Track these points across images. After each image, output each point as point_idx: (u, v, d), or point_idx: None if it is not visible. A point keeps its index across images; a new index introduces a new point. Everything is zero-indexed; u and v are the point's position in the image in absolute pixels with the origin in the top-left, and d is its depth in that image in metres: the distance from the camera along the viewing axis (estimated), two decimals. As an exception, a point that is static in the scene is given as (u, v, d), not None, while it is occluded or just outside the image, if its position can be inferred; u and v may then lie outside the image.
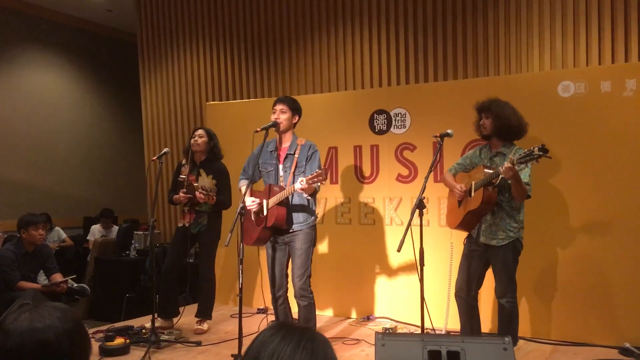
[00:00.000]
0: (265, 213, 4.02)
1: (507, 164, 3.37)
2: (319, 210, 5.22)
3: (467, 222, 3.76)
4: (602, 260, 4.24)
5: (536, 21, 5.26)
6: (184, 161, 4.99)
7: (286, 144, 4.12)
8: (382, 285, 5.13)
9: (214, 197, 4.67)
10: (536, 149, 3.24)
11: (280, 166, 4.11)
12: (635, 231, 4.14)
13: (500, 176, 3.48)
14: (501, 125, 3.70)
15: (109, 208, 8.18)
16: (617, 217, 4.20)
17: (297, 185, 3.73)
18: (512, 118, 3.70)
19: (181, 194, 4.73)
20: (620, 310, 4.17)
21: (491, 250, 3.75)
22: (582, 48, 5.05)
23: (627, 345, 3.99)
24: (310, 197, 3.97)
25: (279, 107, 4.08)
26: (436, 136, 3.79)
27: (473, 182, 3.69)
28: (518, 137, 3.79)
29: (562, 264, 4.38)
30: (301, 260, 4.01)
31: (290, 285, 4.15)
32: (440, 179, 4.28)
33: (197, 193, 4.61)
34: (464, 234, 3.91)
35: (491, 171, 3.56)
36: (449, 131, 3.77)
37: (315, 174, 3.66)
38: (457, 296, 3.94)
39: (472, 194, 3.68)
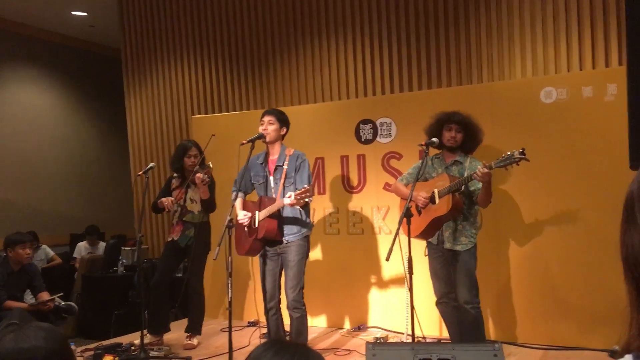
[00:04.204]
0: (256, 225, 4.02)
1: (483, 169, 3.43)
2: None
3: (430, 229, 3.82)
4: (589, 263, 4.27)
5: (517, 29, 5.32)
6: (175, 174, 4.96)
7: (275, 155, 4.14)
8: (373, 294, 5.13)
9: (208, 192, 4.58)
10: (516, 152, 3.39)
11: (271, 178, 4.12)
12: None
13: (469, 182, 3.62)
14: (471, 143, 3.86)
15: (94, 225, 8.07)
16: (603, 221, 4.23)
17: (286, 201, 3.76)
18: (481, 135, 3.88)
19: (169, 200, 4.71)
20: (609, 312, 4.19)
21: (455, 255, 3.81)
22: (562, 54, 5.11)
23: (617, 347, 4.00)
24: (301, 209, 3.98)
25: (266, 118, 4.11)
26: (422, 145, 3.83)
27: (436, 190, 3.73)
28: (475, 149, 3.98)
29: (550, 267, 4.41)
30: (294, 272, 4.02)
31: (282, 297, 4.15)
32: (391, 189, 4.31)
33: (198, 175, 4.48)
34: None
35: (461, 177, 3.67)
36: (434, 139, 3.81)
37: (303, 189, 3.69)
38: (440, 303, 3.97)
39: (437, 201, 3.72)
